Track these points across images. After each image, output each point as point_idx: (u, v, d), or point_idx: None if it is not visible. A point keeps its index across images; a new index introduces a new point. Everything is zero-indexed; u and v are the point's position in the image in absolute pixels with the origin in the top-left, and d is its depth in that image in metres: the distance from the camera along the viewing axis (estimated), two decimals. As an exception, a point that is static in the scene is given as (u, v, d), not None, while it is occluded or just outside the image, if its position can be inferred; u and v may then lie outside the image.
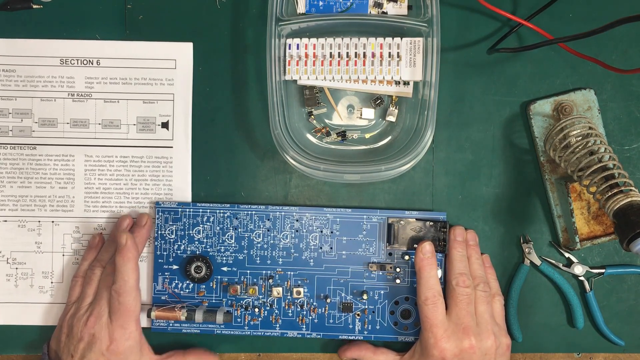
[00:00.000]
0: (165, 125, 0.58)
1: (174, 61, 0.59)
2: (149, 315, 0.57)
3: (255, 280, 0.58)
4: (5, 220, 0.59)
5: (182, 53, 0.59)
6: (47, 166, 0.58)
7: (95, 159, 0.59)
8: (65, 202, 0.58)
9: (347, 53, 0.55)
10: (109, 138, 0.59)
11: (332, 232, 0.58)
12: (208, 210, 0.58)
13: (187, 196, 0.59)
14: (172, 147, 0.59)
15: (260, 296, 0.58)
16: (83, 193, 0.59)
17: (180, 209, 0.58)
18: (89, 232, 0.59)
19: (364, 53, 0.55)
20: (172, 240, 0.58)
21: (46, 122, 0.58)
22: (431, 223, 0.57)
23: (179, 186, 0.59)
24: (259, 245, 0.58)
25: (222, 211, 0.58)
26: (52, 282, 0.59)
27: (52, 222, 0.59)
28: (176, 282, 0.58)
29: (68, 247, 0.59)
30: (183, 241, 0.58)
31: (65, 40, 0.59)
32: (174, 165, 0.59)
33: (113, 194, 0.59)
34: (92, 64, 0.58)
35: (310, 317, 0.58)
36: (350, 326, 0.58)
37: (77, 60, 0.58)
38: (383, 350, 0.57)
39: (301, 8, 0.56)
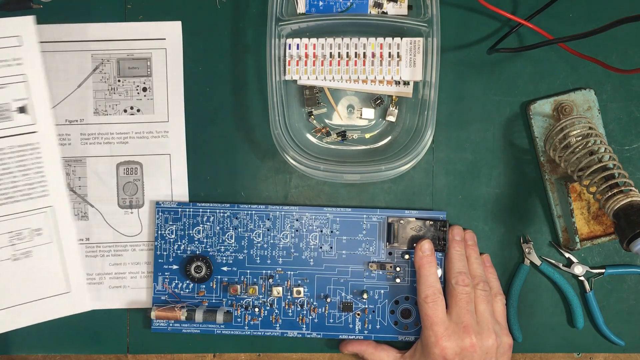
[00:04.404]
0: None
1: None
2: (149, 315, 0.57)
3: (255, 280, 0.58)
4: None
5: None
6: None
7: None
8: None
9: (347, 53, 0.55)
10: None
11: (332, 232, 0.58)
12: (208, 210, 0.58)
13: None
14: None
15: (260, 296, 0.58)
16: None
17: (180, 209, 0.58)
18: None
19: (364, 53, 0.55)
20: (172, 240, 0.58)
21: None
22: (431, 222, 0.57)
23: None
24: (259, 245, 0.58)
25: (222, 211, 0.58)
26: None
27: None
28: (176, 282, 0.58)
29: None
30: (183, 241, 0.58)
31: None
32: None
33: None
34: None
35: (310, 317, 0.58)
36: (351, 326, 0.58)
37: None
38: (384, 347, 0.57)
39: (301, 8, 0.56)
